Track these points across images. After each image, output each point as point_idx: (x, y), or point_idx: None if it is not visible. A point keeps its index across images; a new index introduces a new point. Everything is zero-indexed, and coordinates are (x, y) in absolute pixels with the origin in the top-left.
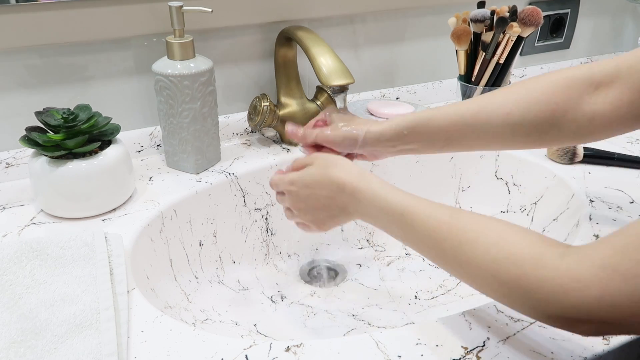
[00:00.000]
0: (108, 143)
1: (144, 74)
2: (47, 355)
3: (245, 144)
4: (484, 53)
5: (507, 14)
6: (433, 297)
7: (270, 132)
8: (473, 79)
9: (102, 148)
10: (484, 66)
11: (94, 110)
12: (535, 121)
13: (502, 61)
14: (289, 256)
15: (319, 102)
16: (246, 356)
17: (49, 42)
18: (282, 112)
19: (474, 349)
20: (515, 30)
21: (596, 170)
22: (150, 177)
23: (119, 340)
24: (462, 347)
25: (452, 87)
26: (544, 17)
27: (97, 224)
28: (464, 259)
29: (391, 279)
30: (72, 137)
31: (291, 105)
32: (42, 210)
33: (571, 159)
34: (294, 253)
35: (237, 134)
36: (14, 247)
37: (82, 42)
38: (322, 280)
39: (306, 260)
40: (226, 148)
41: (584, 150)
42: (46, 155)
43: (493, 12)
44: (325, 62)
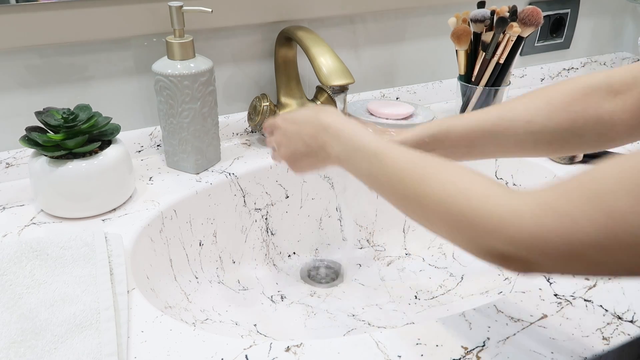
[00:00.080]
0: (108, 143)
1: (144, 74)
2: (47, 355)
3: (245, 144)
4: (484, 53)
5: (507, 14)
6: (433, 297)
7: None
8: (473, 79)
9: (102, 148)
10: (484, 66)
11: (94, 110)
12: (557, 130)
13: (502, 61)
14: (289, 256)
15: (319, 102)
16: (246, 356)
17: (49, 42)
18: (282, 112)
19: (474, 349)
20: (515, 30)
21: None
22: (150, 177)
23: (119, 340)
24: (462, 347)
25: (452, 87)
26: (544, 17)
27: (97, 224)
28: (423, 193)
29: (391, 279)
30: (72, 137)
31: (291, 105)
32: (42, 210)
33: (571, 160)
34: (294, 253)
35: (237, 134)
36: (14, 247)
37: (82, 42)
38: (321, 281)
39: (306, 260)
40: (226, 148)
41: None
42: (46, 155)
43: (493, 12)
44: (325, 62)
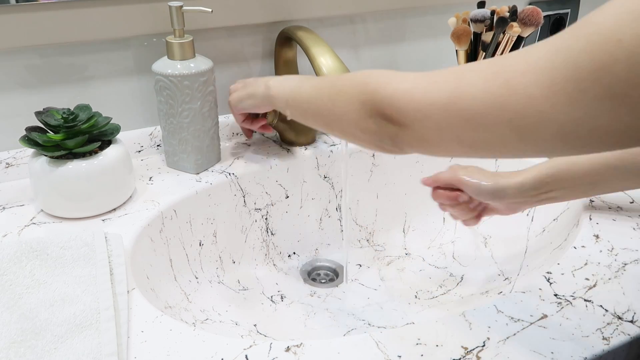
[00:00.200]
0: (108, 143)
1: (144, 74)
2: (47, 355)
3: (245, 144)
4: (484, 53)
5: (507, 14)
6: (433, 297)
7: (271, 132)
8: None
9: (102, 148)
10: None
11: (94, 110)
12: None
13: None
14: (289, 256)
15: None
16: (246, 356)
17: (49, 42)
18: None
19: (474, 349)
20: (515, 30)
21: None
22: (150, 177)
23: (119, 340)
24: (462, 347)
25: None
26: (544, 17)
27: (97, 224)
28: (336, 91)
29: (391, 279)
30: (72, 137)
31: None
32: (42, 210)
33: None
34: (294, 253)
35: (237, 134)
36: (14, 247)
37: (82, 42)
38: (321, 280)
39: (306, 260)
40: (226, 148)
41: None
42: (46, 155)
43: (493, 12)
44: (325, 62)
